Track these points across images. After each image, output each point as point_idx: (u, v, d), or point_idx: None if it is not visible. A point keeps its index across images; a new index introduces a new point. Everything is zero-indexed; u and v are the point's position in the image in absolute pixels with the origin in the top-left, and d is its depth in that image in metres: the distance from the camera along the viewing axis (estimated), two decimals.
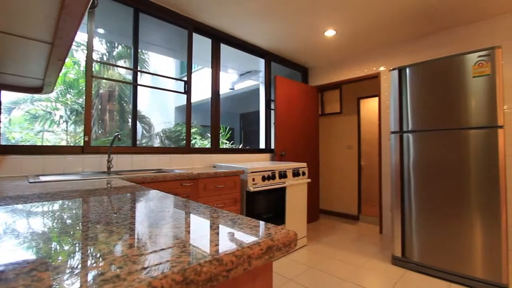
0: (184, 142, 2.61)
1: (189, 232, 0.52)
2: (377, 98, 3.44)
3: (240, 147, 7.78)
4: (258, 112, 4.06)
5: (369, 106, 4.82)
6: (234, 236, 0.49)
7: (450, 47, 2.76)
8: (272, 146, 3.50)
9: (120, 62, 6.65)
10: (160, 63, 7.97)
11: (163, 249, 0.42)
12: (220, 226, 0.57)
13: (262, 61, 3.53)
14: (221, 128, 5.91)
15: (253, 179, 2.23)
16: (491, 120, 1.85)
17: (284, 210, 2.53)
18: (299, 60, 3.80)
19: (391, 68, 2.34)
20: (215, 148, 2.83)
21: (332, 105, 4.20)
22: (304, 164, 2.81)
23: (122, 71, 6.67)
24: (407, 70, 2.24)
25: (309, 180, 2.81)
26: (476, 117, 1.92)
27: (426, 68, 2.15)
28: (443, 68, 2.06)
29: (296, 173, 2.67)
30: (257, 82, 4.74)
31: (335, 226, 3.53)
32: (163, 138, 7.06)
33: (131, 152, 2.17)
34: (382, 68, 3.26)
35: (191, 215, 0.66)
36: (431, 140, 2.12)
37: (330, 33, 2.88)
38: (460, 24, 2.67)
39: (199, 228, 0.57)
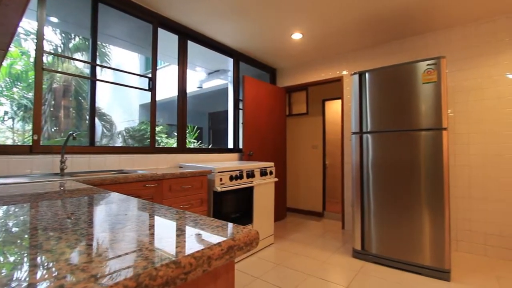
0: (149, 141, 2.50)
1: (146, 236, 0.50)
2: (340, 100, 3.62)
3: (209, 146, 7.67)
4: (226, 112, 4.03)
5: (333, 108, 5.05)
6: (195, 238, 0.49)
7: (405, 55, 3.01)
8: (241, 146, 3.50)
9: (77, 55, 6.15)
10: (123, 58, 7.54)
11: (117, 254, 0.40)
12: (181, 228, 0.56)
13: (230, 61, 3.52)
14: (189, 127, 5.77)
15: (221, 179, 2.21)
16: (437, 122, 2.05)
17: (251, 209, 2.55)
18: (267, 61, 3.86)
19: (352, 73, 2.48)
20: (182, 148, 2.75)
21: (299, 106, 4.33)
22: (272, 164, 2.86)
23: (80, 64, 6.19)
24: (367, 74, 2.39)
25: (276, 179, 2.86)
26: (425, 120, 2.12)
27: (383, 73, 2.31)
28: (397, 74, 2.24)
29: (263, 173, 2.70)
30: (226, 81, 4.71)
31: (301, 223, 3.64)
32: (126, 137, 6.68)
33: (88, 152, 2.02)
34: (345, 72, 3.44)
35: (151, 218, 0.64)
36: (387, 140, 2.28)
37: (297, 36, 2.96)
38: (413, 34, 2.92)
39: (158, 231, 0.55)
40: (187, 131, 3.21)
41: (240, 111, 3.52)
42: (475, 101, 2.61)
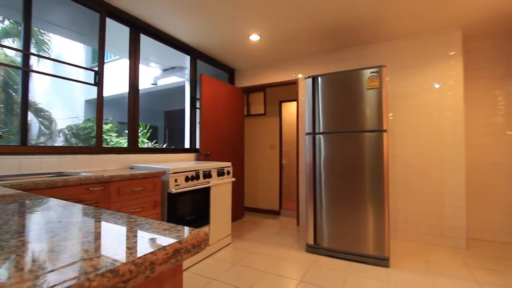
0: (95, 140, 2.29)
1: (83, 244, 0.46)
2: (296, 102, 3.77)
3: (164, 146, 7.32)
4: (183, 110, 3.91)
5: (290, 109, 5.23)
6: (137, 243, 0.46)
7: (354, 62, 3.26)
8: (198, 146, 3.42)
9: (7, 42, 5.36)
10: (66, 48, 6.78)
11: (44, 268, 0.36)
12: (124, 233, 0.52)
13: (187, 58, 3.42)
14: (141, 126, 5.43)
15: (176, 180, 2.14)
16: (379, 125, 2.27)
17: (208, 210, 2.51)
18: (226, 61, 3.84)
19: (306, 76, 2.61)
20: (134, 148, 2.58)
21: (257, 107, 4.39)
22: (229, 164, 2.85)
23: (10, 52, 5.40)
24: (319, 79, 2.54)
25: (233, 179, 2.86)
26: (369, 122, 2.32)
27: (334, 78, 2.48)
28: (346, 80, 2.42)
29: (221, 173, 2.68)
30: (183, 79, 4.56)
31: (259, 222, 3.71)
32: (68, 136, 6.03)
33: (19, 153, 1.77)
34: (300, 75, 3.59)
35: (90, 224, 0.59)
36: (338, 140, 2.45)
37: (254, 37, 3.00)
38: (361, 44, 3.18)
39: (97, 238, 0.51)
40: (139, 130, 3.03)
41: (198, 110, 3.44)
42: (410, 106, 2.95)
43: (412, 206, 2.90)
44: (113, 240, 0.49)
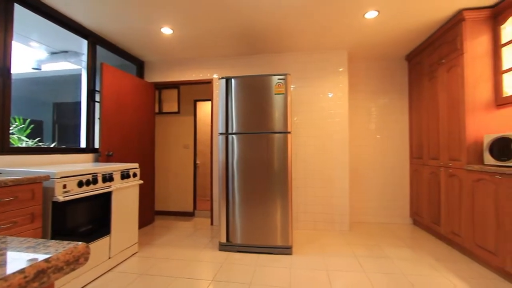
0: None
1: None
2: (210, 102, 3.76)
3: (53, 145, 6.05)
4: (79, 103, 3.33)
5: (205, 109, 5.19)
6: None
7: (265, 67, 3.50)
8: (97, 145, 2.98)
9: None
10: None
11: None
12: None
13: (84, 42, 2.93)
14: (17, 120, 4.32)
15: (65, 186, 1.80)
16: (284, 127, 2.51)
17: (109, 219, 2.22)
18: (134, 52, 3.48)
19: (220, 77, 2.64)
20: (2, 147, 2.03)
21: (170, 104, 4.17)
22: (136, 165, 2.60)
23: None
24: (233, 80, 2.61)
25: (141, 181, 2.63)
26: (277, 124, 2.54)
27: (246, 81, 2.59)
28: (257, 84, 2.57)
29: (125, 175, 2.42)
30: (79, 66, 3.89)
31: (171, 226, 3.53)
32: None
33: None
34: (215, 76, 3.61)
35: None
36: (250, 141, 2.58)
37: (167, 31, 2.84)
38: (271, 52, 3.44)
39: None
40: (14, 125, 2.41)
41: (97, 104, 2.99)
42: (310, 112, 3.38)
43: (310, 198, 3.34)
44: None
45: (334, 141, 3.31)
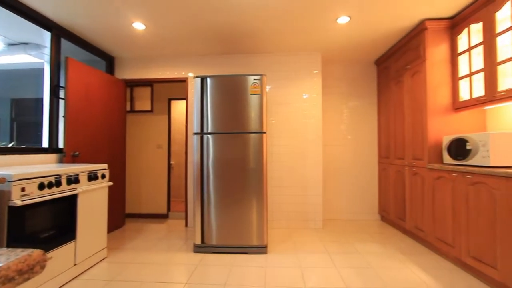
0: None
1: None
2: (185, 101, 3.68)
3: (11, 145, 5.56)
4: (41, 100, 3.09)
5: (180, 108, 5.08)
6: None
7: (242, 67, 3.49)
8: (61, 145, 2.79)
9: None
10: None
11: None
12: None
13: (48, 35, 2.73)
14: None
15: (23, 189, 1.66)
16: (260, 127, 2.53)
17: (75, 223, 2.09)
18: (104, 47, 3.31)
19: (196, 76, 2.60)
20: None
21: (142, 103, 4.02)
22: (105, 166, 2.48)
23: None
24: (208, 80, 2.58)
25: (110, 183, 2.50)
26: (253, 125, 2.55)
27: (222, 81, 2.57)
28: (234, 83, 2.56)
29: (93, 177, 2.29)
30: (41, 60, 3.62)
31: (143, 229, 3.40)
32: None
33: None
34: (190, 74, 3.54)
35: None
36: (226, 140, 2.56)
37: (139, 26, 2.73)
38: (247, 52, 3.44)
39: None
40: None
41: (62, 101, 2.80)
42: (286, 112, 3.44)
43: (285, 198, 3.39)
44: None
45: (309, 142, 3.40)
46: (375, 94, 3.81)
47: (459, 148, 2.25)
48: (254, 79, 2.51)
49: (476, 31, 2.34)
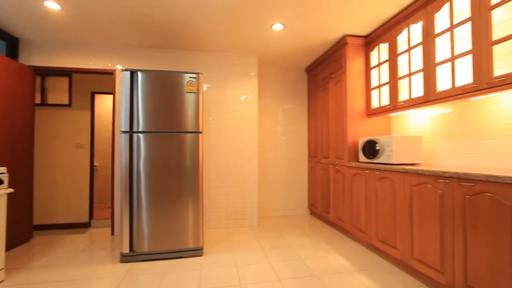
0: None
1: None
2: (112, 96, 3.33)
3: None
4: None
5: (106, 103, 4.58)
6: None
7: (178, 64, 3.34)
8: None
9: None
10: None
11: None
12: None
13: None
14: None
15: None
16: (196, 127, 2.47)
17: None
18: (4, 25, 2.73)
19: (124, 69, 2.37)
20: None
21: (58, 95, 3.46)
22: (3, 169, 2.05)
23: None
24: (139, 74, 2.39)
25: (11, 190, 2.07)
26: (189, 124, 2.47)
27: (155, 76, 2.42)
28: (168, 80, 2.43)
29: None
30: None
31: (58, 241, 2.93)
32: None
33: None
34: (119, 67, 3.22)
35: None
36: (159, 140, 2.41)
37: (52, 5, 2.34)
38: (183, 49, 3.32)
39: None
40: None
41: None
42: (225, 112, 3.44)
43: (223, 197, 3.40)
44: None
45: (246, 141, 3.48)
46: (306, 99, 4.14)
47: (370, 149, 2.63)
48: (190, 77, 2.44)
49: (384, 50, 2.78)
